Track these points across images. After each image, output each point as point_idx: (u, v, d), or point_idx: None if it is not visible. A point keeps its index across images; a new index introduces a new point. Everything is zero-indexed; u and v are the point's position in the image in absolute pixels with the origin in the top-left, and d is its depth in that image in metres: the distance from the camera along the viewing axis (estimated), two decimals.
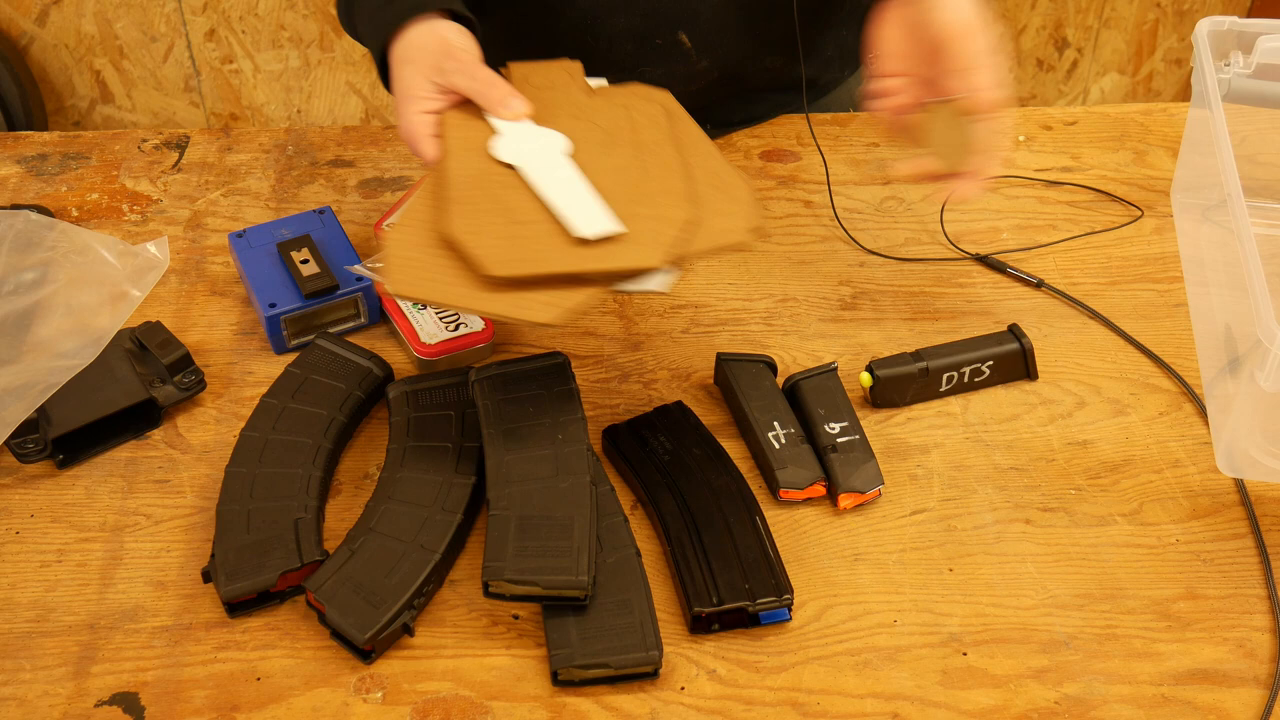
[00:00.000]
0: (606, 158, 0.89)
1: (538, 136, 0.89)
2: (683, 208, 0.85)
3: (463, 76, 0.89)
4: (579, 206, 0.84)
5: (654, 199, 0.85)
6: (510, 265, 0.80)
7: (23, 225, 0.95)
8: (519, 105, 0.90)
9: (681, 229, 0.83)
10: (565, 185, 0.86)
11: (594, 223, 0.83)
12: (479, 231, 0.82)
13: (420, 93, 0.90)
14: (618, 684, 0.79)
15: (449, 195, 0.84)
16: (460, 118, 0.90)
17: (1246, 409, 0.87)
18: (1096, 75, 2.50)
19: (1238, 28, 1.05)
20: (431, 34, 0.91)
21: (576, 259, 0.81)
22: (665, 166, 0.88)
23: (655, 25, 1.14)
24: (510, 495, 0.82)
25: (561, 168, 0.87)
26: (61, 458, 0.90)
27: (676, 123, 0.93)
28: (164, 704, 0.77)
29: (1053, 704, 0.79)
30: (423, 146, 0.89)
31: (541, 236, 0.82)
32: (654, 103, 0.94)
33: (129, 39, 2.25)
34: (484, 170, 0.87)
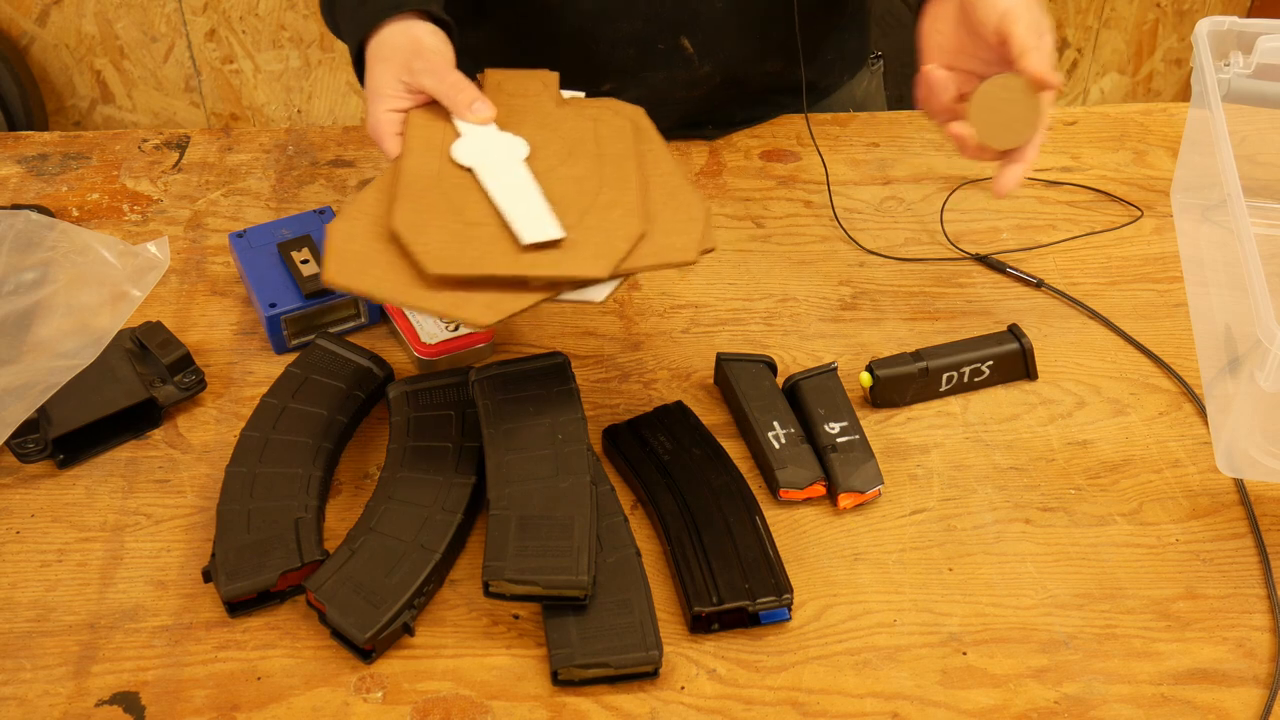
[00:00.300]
0: (565, 167, 0.89)
1: (498, 141, 0.90)
2: (634, 222, 0.85)
3: (431, 77, 0.90)
4: (527, 212, 0.84)
5: (606, 211, 0.85)
6: (450, 264, 0.80)
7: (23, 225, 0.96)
8: (484, 109, 0.90)
9: (629, 242, 0.83)
10: (516, 190, 0.86)
11: (539, 229, 0.82)
12: (423, 228, 0.82)
13: (389, 91, 0.91)
14: (618, 684, 0.79)
15: (400, 191, 0.85)
16: (425, 118, 0.91)
17: (1246, 409, 0.87)
18: (1096, 75, 2.51)
19: (1237, 28, 1.05)
20: (405, 34, 0.92)
21: (519, 263, 0.81)
22: (623, 180, 0.88)
23: (657, 30, 1.14)
24: (510, 495, 0.82)
25: (516, 173, 0.87)
26: (62, 457, 0.90)
27: (643, 138, 0.93)
28: (164, 703, 0.77)
29: (1052, 704, 0.79)
30: (387, 144, 0.90)
31: (487, 239, 0.82)
32: (623, 117, 0.94)
33: (129, 39, 2.25)
34: (440, 170, 0.87)
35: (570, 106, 0.95)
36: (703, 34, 1.15)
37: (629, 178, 0.88)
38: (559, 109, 0.94)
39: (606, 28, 1.14)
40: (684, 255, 0.85)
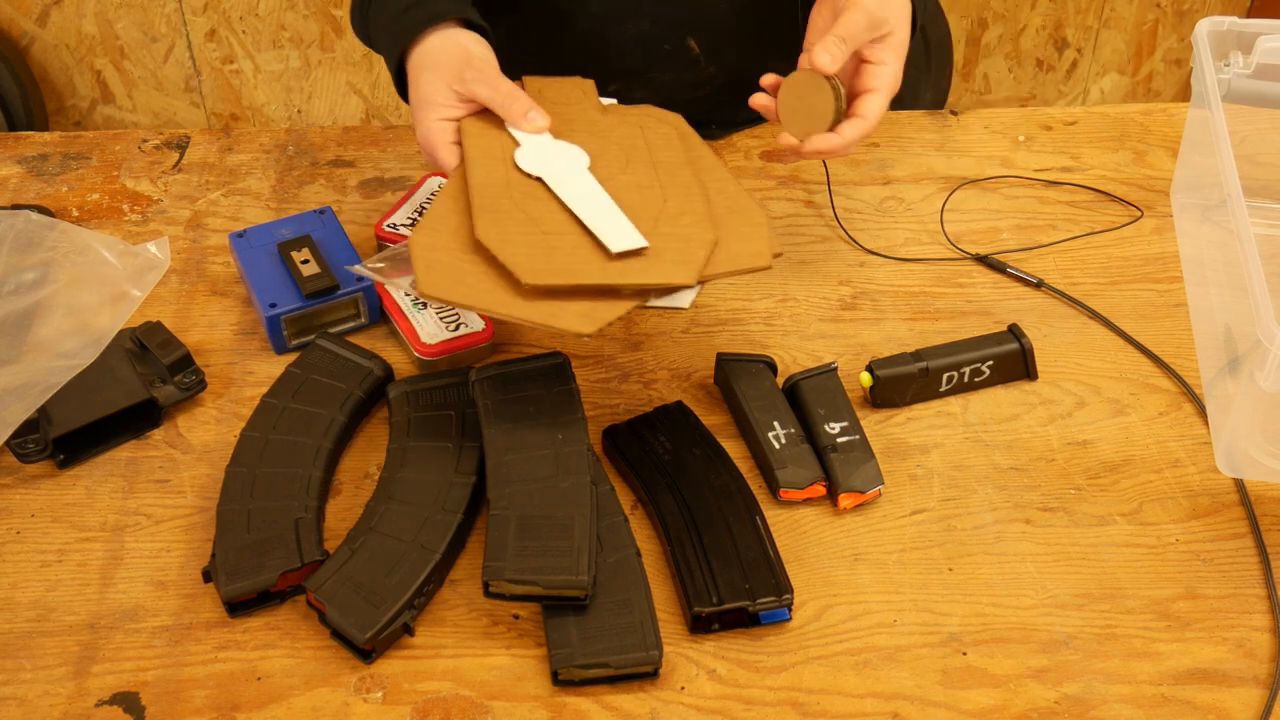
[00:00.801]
0: (625, 175, 0.89)
1: (558, 150, 0.90)
2: (706, 228, 0.86)
3: (484, 86, 0.90)
4: (608, 221, 0.85)
5: (676, 218, 0.86)
6: (545, 275, 0.81)
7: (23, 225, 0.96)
8: (539, 118, 0.90)
9: (706, 248, 0.85)
10: (591, 199, 0.87)
11: (625, 238, 0.84)
12: (509, 240, 0.83)
13: (440, 99, 0.90)
14: (618, 684, 0.79)
15: (475, 202, 0.85)
16: (479, 126, 0.91)
17: (1246, 409, 0.87)
18: (1096, 75, 2.51)
19: (1237, 28, 1.05)
20: (451, 42, 0.92)
21: (610, 272, 0.82)
22: (684, 187, 0.89)
23: (664, 31, 1.14)
24: (510, 495, 0.82)
25: (585, 182, 0.88)
26: (62, 457, 0.90)
27: (690, 146, 0.94)
28: (164, 704, 0.77)
29: (1052, 704, 0.79)
30: (441, 154, 0.90)
31: (572, 248, 0.83)
32: (667, 124, 0.95)
33: (130, 39, 2.25)
34: (508, 179, 0.87)
35: (613, 114, 0.96)
36: (709, 35, 1.15)
37: (690, 185, 0.89)
38: (604, 117, 0.95)
39: (613, 29, 1.14)
40: (759, 260, 0.86)
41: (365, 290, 0.99)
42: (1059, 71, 2.49)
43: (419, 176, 1.14)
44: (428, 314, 0.99)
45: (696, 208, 0.88)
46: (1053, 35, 2.42)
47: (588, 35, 1.14)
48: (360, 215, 1.11)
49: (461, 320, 0.98)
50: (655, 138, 0.94)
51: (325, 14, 2.25)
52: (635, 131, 0.94)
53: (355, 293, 0.99)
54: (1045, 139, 1.23)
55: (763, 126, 1.22)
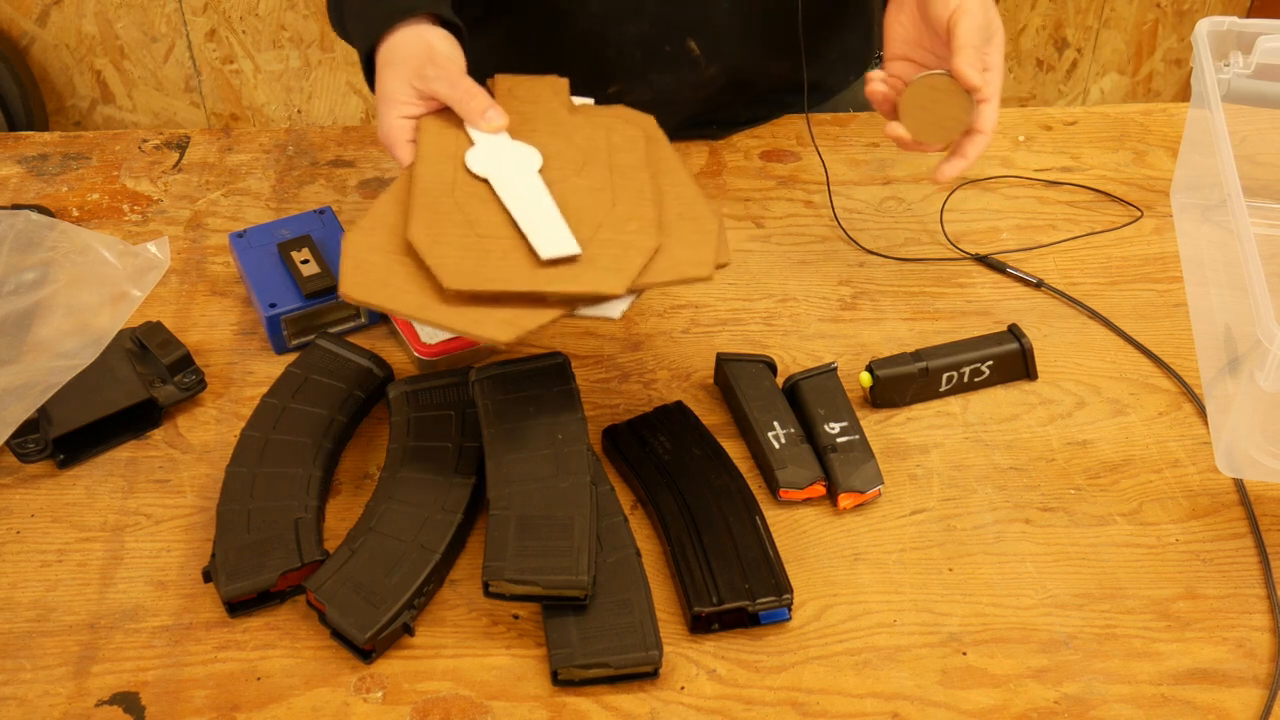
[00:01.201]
0: (579, 177, 0.88)
1: (512, 150, 0.89)
2: (649, 235, 0.84)
3: (444, 84, 0.89)
4: (544, 226, 0.83)
5: (621, 223, 0.85)
6: (468, 279, 0.80)
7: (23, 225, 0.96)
8: (497, 117, 0.89)
9: (645, 256, 0.83)
10: (533, 202, 0.85)
11: (557, 244, 0.82)
12: (440, 241, 0.81)
13: (401, 97, 0.90)
14: (618, 684, 0.79)
15: (415, 202, 0.84)
16: (437, 125, 0.90)
17: (1246, 409, 0.87)
18: (1096, 75, 2.51)
19: (1237, 28, 1.05)
20: (417, 39, 0.91)
21: (536, 279, 0.81)
22: (637, 191, 0.88)
23: (664, 33, 1.14)
24: (510, 495, 0.82)
25: (531, 184, 0.87)
26: (62, 457, 0.90)
27: (655, 148, 0.92)
28: (164, 703, 0.77)
29: (1052, 704, 0.79)
30: (399, 151, 0.89)
31: (503, 252, 0.82)
32: (635, 126, 0.93)
33: (130, 39, 2.25)
34: (454, 179, 0.86)
35: (582, 114, 0.94)
36: (709, 36, 1.15)
37: (643, 190, 0.88)
38: (571, 117, 0.93)
39: (614, 30, 1.14)
40: (699, 271, 0.84)
41: None
42: (1059, 71, 2.49)
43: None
44: None
45: (645, 213, 0.86)
46: (1053, 35, 2.42)
47: (588, 36, 1.14)
48: (360, 215, 1.11)
49: None
50: (619, 139, 0.92)
51: (325, 15, 2.25)
52: (599, 133, 0.92)
53: None
54: (1045, 139, 1.23)
55: (763, 126, 1.22)
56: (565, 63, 1.00)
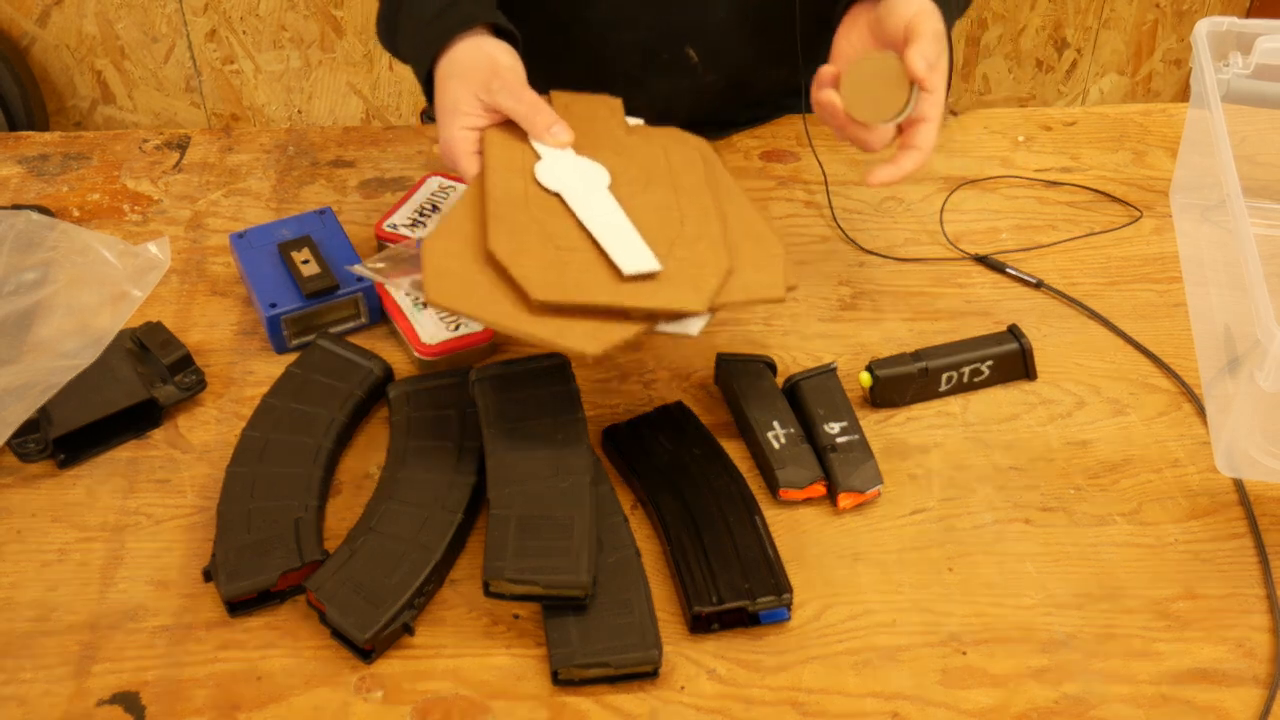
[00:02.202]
0: (645, 195, 0.89)
1: (579, 166, 0.90)
2: (721, 255, 0.85)
3: (509, 97, 0.90)
4: (623, 242, 0.84)
5: (692, 243, 0.86)
6: (554, 291, 0.81)
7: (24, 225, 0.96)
8: (562, 133, 0.90)
9: (720, 276, 0.84)
10: (608, 218, 0.86)
11: (638, 260, 0.83)
12: (522, 252, 0.82)
13: (465, 108, 0.90)
14: (618, 683, 0.79)
15: (491, 212, 0.84)
16: (502, 137, 0.90)
17: (1246, 409, 0.87)
18: (1096, 76, 2.51)
19: (1236, 28, 1.05)
20: (479, 51, 0.92)
21: (619, 294, 0.82)
22: (703, 212, 0.89)
23: (663, 40, 1.14)
24: (510, 495, 0.82)
25: (604, 200, 0.88)
26: (63, 457, 0.90)
27: (713, 170, 0.94)
28: (165, 703, 0.77)
29: (1052, 703, 0.79)
30: (464, 163, 0.89)
31: (584, 266, 0.83)
32: (690, 147, 0.95)
33: (130, 39, 2.25)
34: (526, 193, 0.87)
35: (638, 134, 0.95)
36: (707, 43, 1.15)
37: (708, 210, 0.89)
38: (628, 136, 0.94)
39: (612, 38, 1.14)
40: (773, 292, 0.86)
41: (365, 290, 0.99)
42: (1058, 72, 2.49)
43: (419, 177, 1.14)
44: (428, 314, 0.99)
45: (713, 233, 0.87)
46: (1052, 35, 2.43)
47: (587, 43, 1.14)
48: (360, 215, 1.12)
49: (461, 320, 0.98)
50: (678, 160, 0.93)
51: (325, 14, 2.25)
52: (658, 153, 0.93)
53: (355, 293, 0.99)
54: (1045, 139, 1.23)
55: (763, 127, 1.23)
56: (564, 70, 1.00)
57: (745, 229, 0.89)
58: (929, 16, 0.91)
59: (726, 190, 0.93)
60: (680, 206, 0.89)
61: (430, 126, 1.22)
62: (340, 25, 2.27)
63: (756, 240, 0.89)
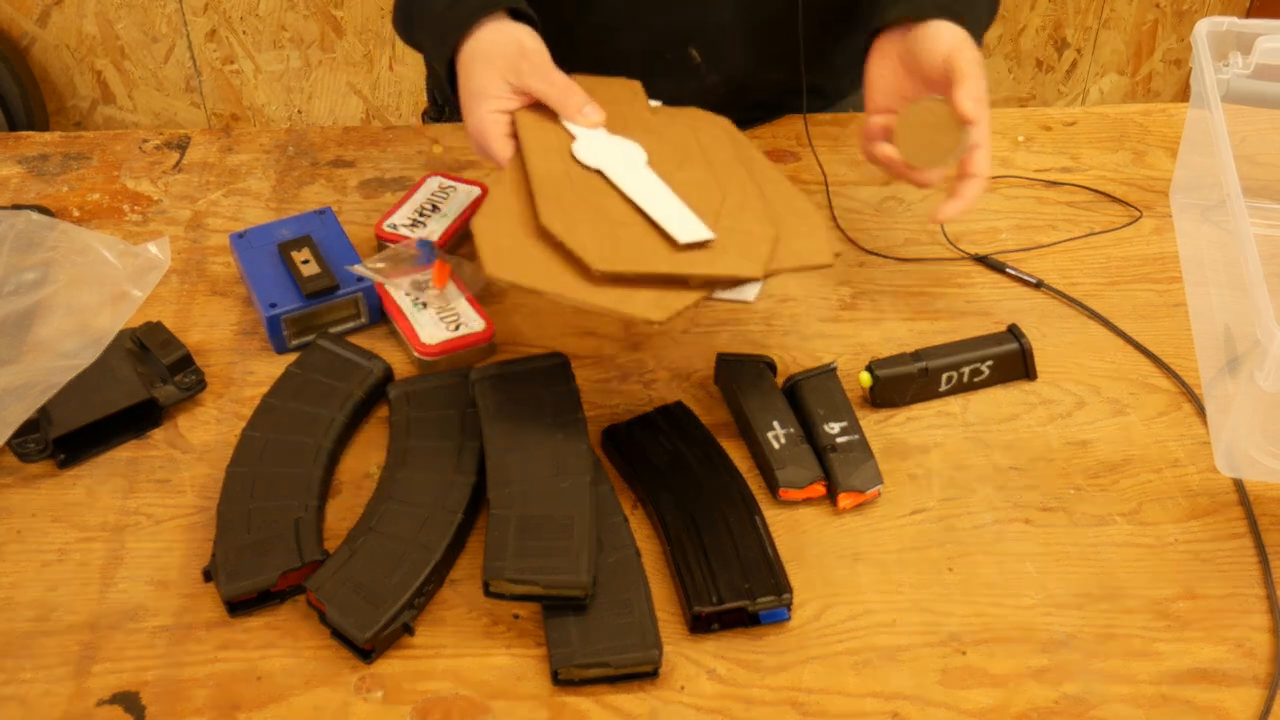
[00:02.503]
0: (682, 172, 0.89)
1: (615, 145, 0.90)
2: (766, 224, 0.86)
3: (539, 79, 0.89)
4: (673, 213, 0.85)
5: (736, 215, 0.87)
6: (613, 261, 0.81)
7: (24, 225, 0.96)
8: (594, 113, 0.90)
9: (769, 244, 0.85)
10: (654, 193, 0.87)
11: (691, 229, 0.84)
12: (576, 227, 0.82)
13: (494, 91, 0.90)
14: (618, 683, 0.79)
15: (539, 190, 0.84)
16: (534, 119, 0.90)
17: (1246, 409, 0.87)
18: (1096, 76, 2.51)
19: (1236, 28, 1.05)
20: (504, 34, 0.91)
21: (678, 263, 0.82)
22: (740, 186, 0.89)
23: (666, 41, 1.14)
24: (510, 495, 0.82)
25: (645, 176, 0.88)
26: (63, 457, 0.90)
27: (741, 147, 0.94)
28: (165, 703, 0.77)
29: (1052, 703, 0.79)
30: (495, 146, 0.89)
31: (638, 238, 0.83)
32: (717, 126, 0.96)
33: (130, 39, 2.25)
34: (567, 171, 0.87)
35: (663, 114, 0.96)
36: (710, 44, 1.15)
37: (746, 184, 0.90)
38: (655, 116, 0.95)
39: (615, 38, 1.14)
40: (821, 257, 0.87)
41: (365, 290, 0.99)
42: (1058, 72, 2.49)
43: (419, 177, 1.14)
44: (428, 314, 0.99)
45: (755, 205, 0.88)
46: (1052, 35, 2.43)
47: (589, 43, 1.14)
48: (360, 215, 1.12)
49: (461, 320, 0.98)
50: (707, 138, 0.94)
51: (325, 14, 2.25)
52: (687, 132, 0.94)
53: (355, 293, 0.99)
54: (1045, 139, 1.23)
55: (763, 127, 1.22)
56: (567, 70, 1.00)
57: (783, 201, 0.90)
58: (964, 48, 0.92)
59: (759, 165, 0.93)
60: (718, 182, 0.89)
61: (431, 126, 1.22)
62: (340, 25, 2.27)
63: (796, 211, 0.90)
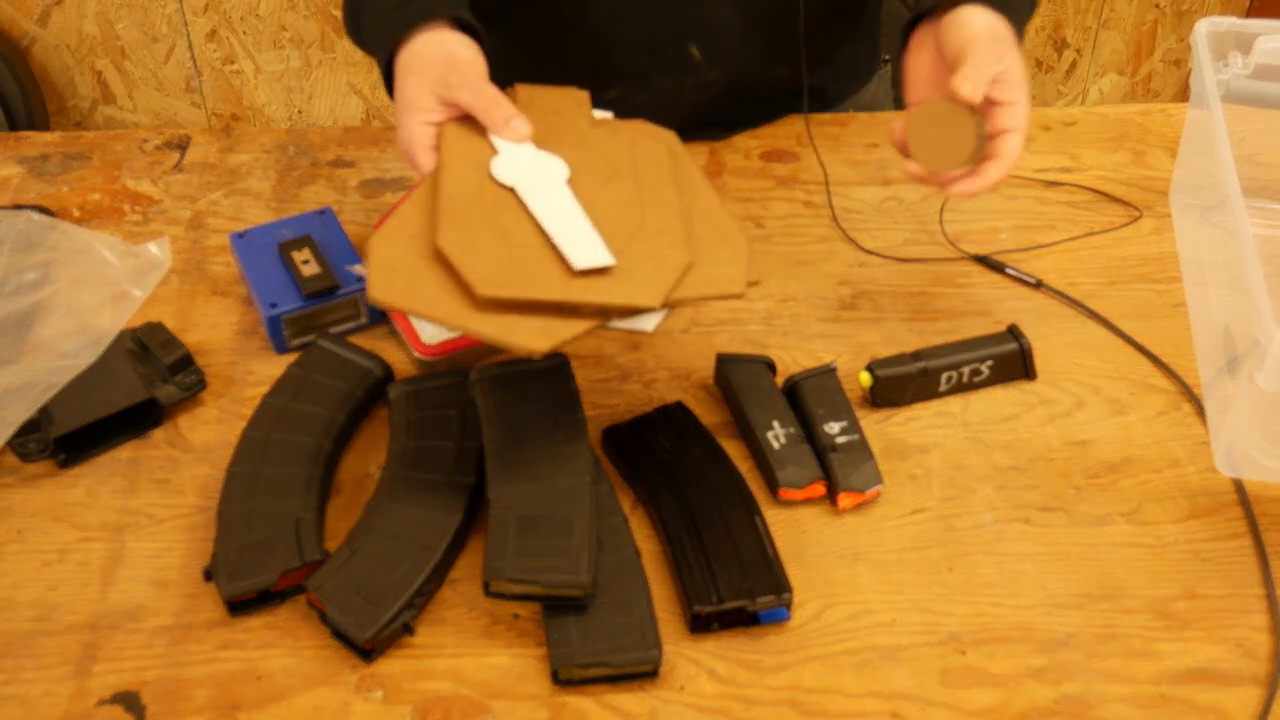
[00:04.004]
0: (605, 190, 0.87)
1: (538, 160, 0.88)
2: (680, 250, 0.84)
3: (467, 92, 0.88)
4: (576, 236, 0.83)
5: (651, 238, 0.84)
6: (502, 287, 0.79)
7: (24, 225, 0.96)
8: (521, 127, 0.88)
9: (678, 271, 0.82)
10: (563, 213, 0.84)
11: (590, 255, 0.81)
12: (471, 249, 0.81)
13: (422, 104, 0.89)
14: (618, 683, 0.79)
15: (442, 209, 0.83)
16: (460, 132, 0.89)
17: (1245, 409, 0.87)
18: (1095, 76, 2.51)
19: (1236, 28, 1.05)
20: (438, 45, 0.90)
21: (570, 289, 0.80)
22: (664, 207, 0.87)
23: (666, 37, 1.14)
24: (510, 495, 0.82)
25: (560, 195, 0.86)
26: (63, 457, 0.91)
27: (680, 164, 0.92)
28: (165, 703, 0.77)
29: (1052, 703, 0.79)
30: (420, 157, 0.88)
31: (535, 262, 0.81)
32: (658, 141, 0.93)
33: (130, 39, 2.25)
34: (480, 188, 0.85)
35: (604, 128, 0.93)
36: (710, 41, 1.15)
37: (671, 205, 0.87)
38: (593, 130, 0.93)
39: (615, 35, 1.14)
40: (731, 287, 0.84)
41: (365, 290, 0.99)
42: (1058, 72, 2.49)
43: (419, 177, 1.14)
44: None
45: (674, 229, 0.85)
46: (1052, 36, 2.43)
47: (589, 40, 1.14)
48: (360, 215, 1.12)
49: None
50: (643, 154, 0.91)
51: (326, 14, 2.25)
52: (623, 147, 0.92)
53: (355, 293, 0.99)
54: (1044, 139, 1.23)
55: (763, 127, 1.23)
56: (566, 67, 1.00)
57: (709, 224, 0.87)
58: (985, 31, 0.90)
59: (692, 184, 0.91)
60: (642, 201, 0.87)
61: None
62: (340, 25, 2.27)
63: (720, 235, 0.87)
